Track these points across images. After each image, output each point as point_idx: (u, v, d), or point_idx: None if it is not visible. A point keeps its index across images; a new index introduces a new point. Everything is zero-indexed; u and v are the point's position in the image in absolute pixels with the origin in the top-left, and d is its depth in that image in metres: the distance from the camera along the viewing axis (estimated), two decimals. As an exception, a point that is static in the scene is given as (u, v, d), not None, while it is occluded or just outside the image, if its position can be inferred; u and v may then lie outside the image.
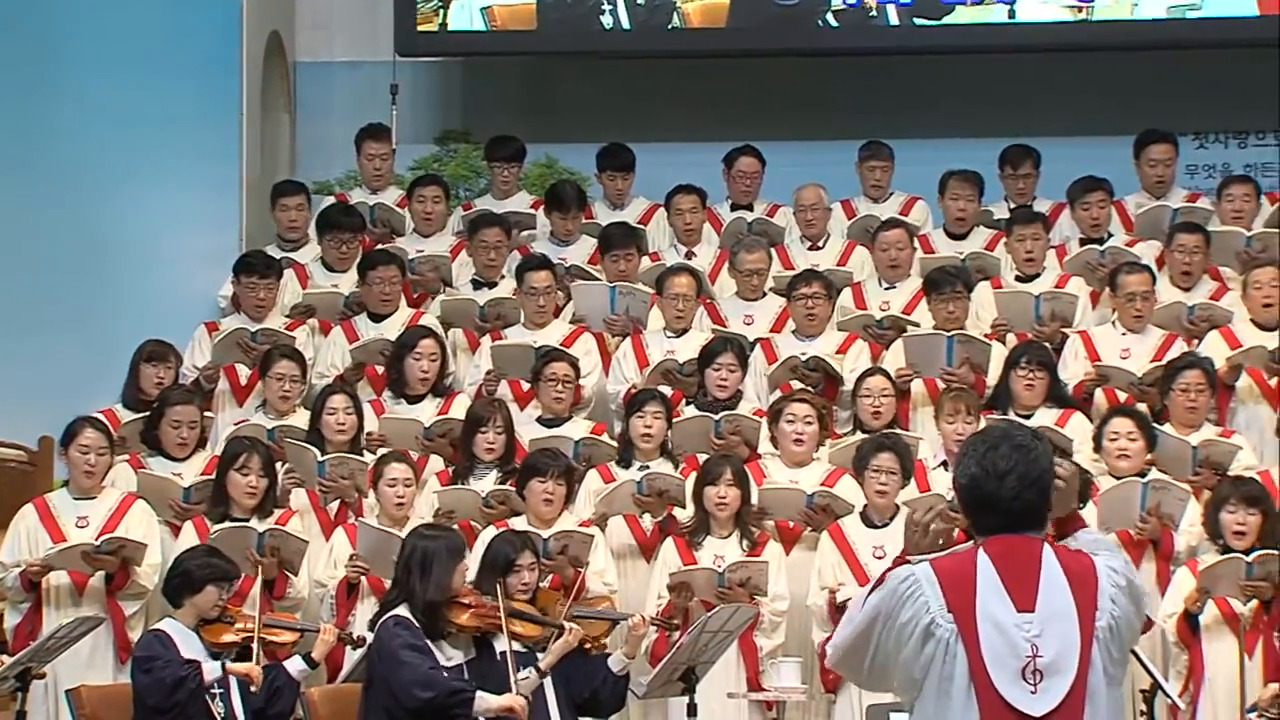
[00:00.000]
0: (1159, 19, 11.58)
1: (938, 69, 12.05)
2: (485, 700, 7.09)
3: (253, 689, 7.45)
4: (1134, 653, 7.09)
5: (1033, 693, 4.56)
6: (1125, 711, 4.81)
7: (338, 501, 8.97)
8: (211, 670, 7.39)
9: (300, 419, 9.45)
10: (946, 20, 11.71)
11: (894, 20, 11.73)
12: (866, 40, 11.82)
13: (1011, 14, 11.62)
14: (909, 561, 4.76)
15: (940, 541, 4.80)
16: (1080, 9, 11.61)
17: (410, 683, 7.01)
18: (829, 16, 11.76)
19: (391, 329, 10.02)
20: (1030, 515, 4.67)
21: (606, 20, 11.82)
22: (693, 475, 8.77)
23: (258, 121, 11.81)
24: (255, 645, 7.60)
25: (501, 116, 12.13)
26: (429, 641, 7.23)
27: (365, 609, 8.34)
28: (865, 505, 8.65)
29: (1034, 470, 4.68)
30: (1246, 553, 8.11)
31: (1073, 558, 4.68)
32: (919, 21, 11.73)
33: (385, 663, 7.06)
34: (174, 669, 7.33)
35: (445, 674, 7.15)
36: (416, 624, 7.22)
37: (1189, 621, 8.10)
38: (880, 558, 8.22)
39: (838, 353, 9.79)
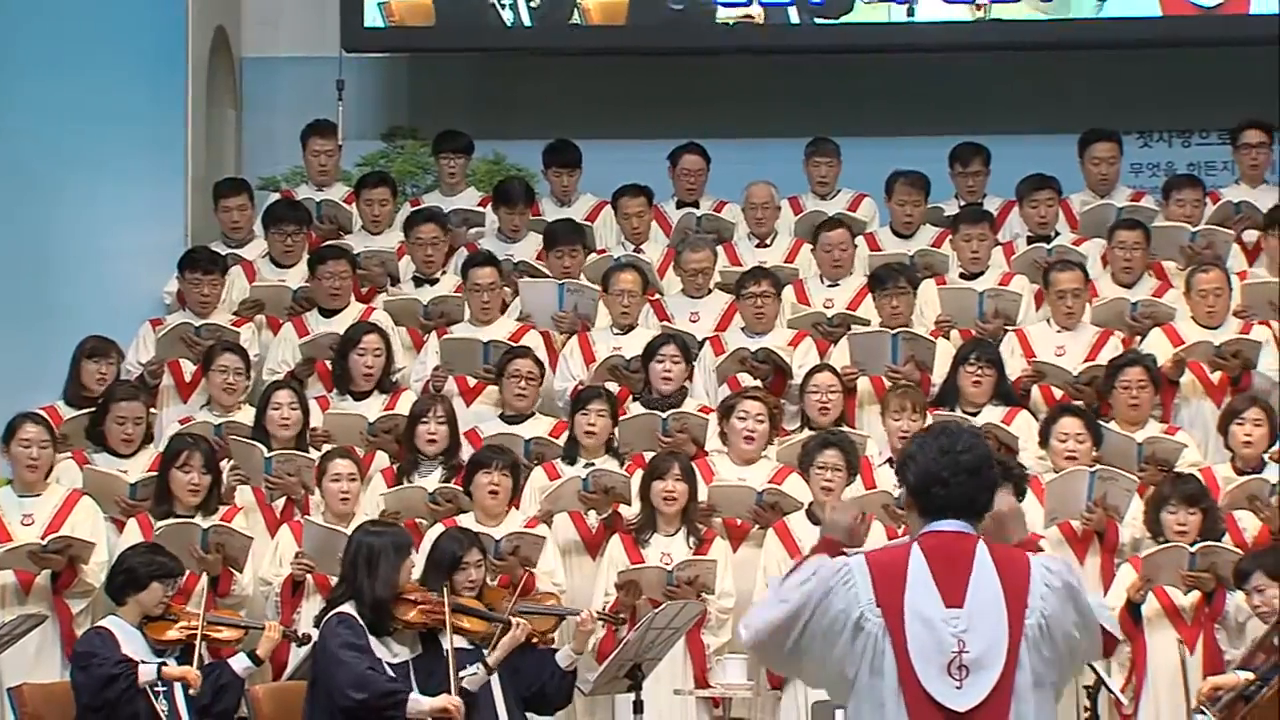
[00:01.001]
0: (1058, 19, 11.63)
1: (886, 67, 12.09)
2: (419, 702, 7.07)
3: (191, 691, 7.42)
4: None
5: (958, 688, 4.58)
6: (1057, 713, 4.79)
7: (284, 498, 8.93)
8: (147, 672, 7.36)
9: (246, 415, 9.42)
10: (845, 19, 11.72)
11: (794, 19, 11.74)
12: (766, 40, 11.82)
13: (910, 12, 11.64)
14: (836, 545, 4.79)
15: (859, 536, 4.85)
16: (979, 7, 11.65)
17: (344, 683, 6.99)
18: (727, 14, 11.73)
19: (342, 325, 9.99)
20: (980, 494, 4.71)
21: (507, 16, 11.79)
22: (639, 472, 8.77)
23: (203, 117, 11.75)
24: (198, 644, 7.57)
25: (449, 113, 12.09)
26: (375, 638, 7.21)
27: (310, 607, 8.32)
28: (811, 502, 8.67)
29: (989, 457, 4.76)
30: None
31: (1007, 555, 4.71)
32: (819, 21, 11.73)
33: (325, 661, 7.04)
34: (107, 668, 7.30)
35: (385, 673, 7.12)
36: (361, 621, 7.20)
37: (1132, 613, 8.15)
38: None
39: (788, 346, 9.81)
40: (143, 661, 7.42)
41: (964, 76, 12.02)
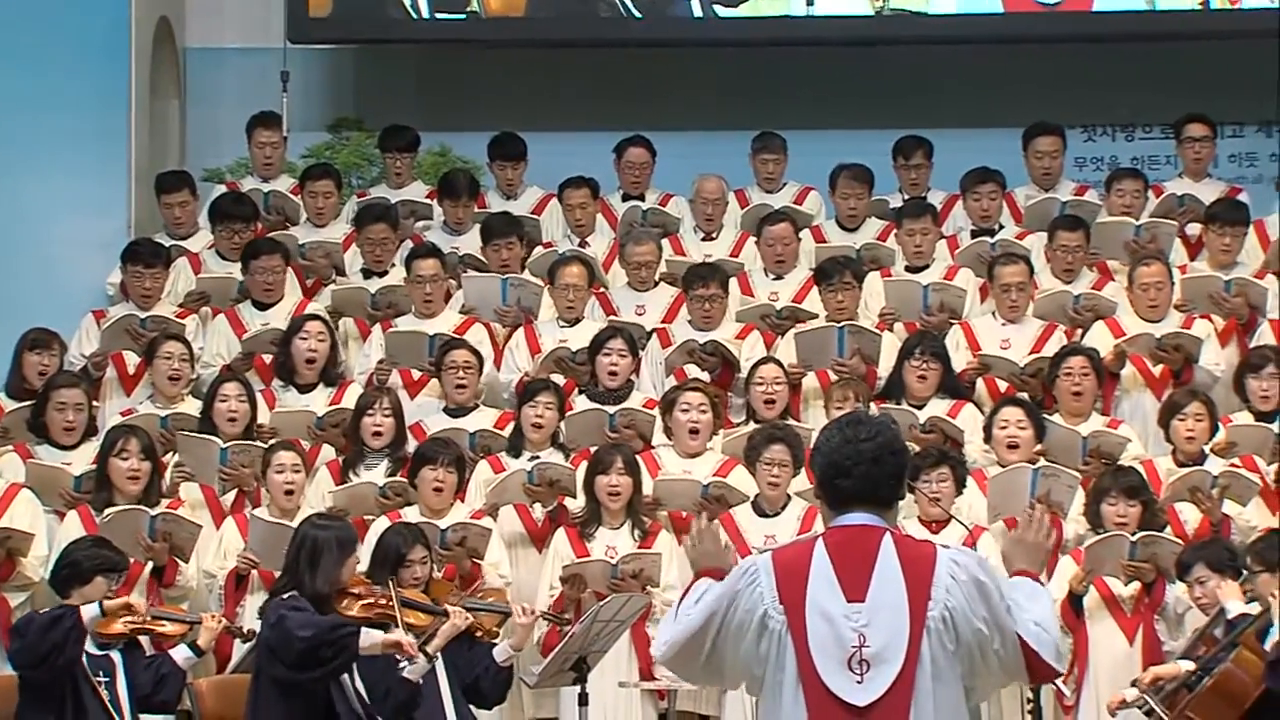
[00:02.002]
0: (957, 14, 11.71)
1: (830, 61, 12.11)
2: (371, 635, 7.02)
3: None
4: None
5: (858, 682, 4.59)
6: (964, 707, 4.78)
7: (235, 491, 8.90)
8: (89, 611, 7.31)
9: (190, 406, 9.39)
10: (745, 12, 11.73)
11: (697, 12, 11.75)
12: (666, 31, 11.85)
13: (810, 2, 11.67)
14: (710, 573, 4.84)
15: (723, 548, 4.92)
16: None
17: (291, 628, 6.86)
18: (631, 6, 11.72)
19: (278, 317, 9.97)
20: (885, 482, 4.71)
21: (407, 1, 11.77)
22: (584, 465, 8.77)
23: (147, 108, 11.67)
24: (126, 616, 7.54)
25: (395, 104, 12.07)
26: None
27: (255, 601, 8.28)
28: (757, 495, 8.68)
29: (895, 443, 4.76)
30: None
31: (913, 547, 4.72)
32: (722, 13, 11.74)
33: (270, 629, 6.97)
34: (49, 615, 7.27)
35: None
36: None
37: (1074, 604, 8.19)
38: (771, 545, 8.25)
39: (735, 339, 9.81)
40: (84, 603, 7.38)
41: (911, 71, 12.05)
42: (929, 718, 4.60)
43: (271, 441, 8.96)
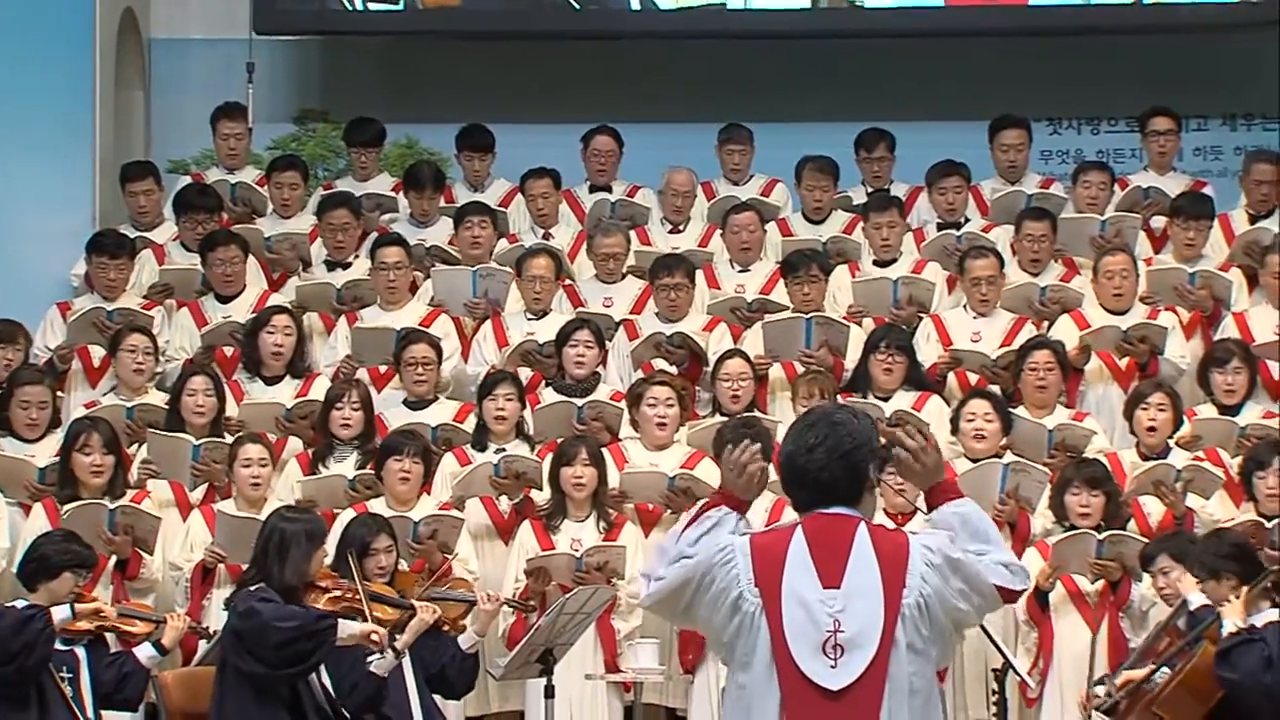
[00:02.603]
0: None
1: (797, 53, 12.11)
2: (349, 626, 7.03)
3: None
4: (986, 633, 7.22)
5: (832, 667, 4.64)
6: (936, 688, 4.84)
7: (206, 486, 8.89)
8: (61, 613, 7.30)
9: (155, 398, 9.37)
10: (684, 4, 11.73)
11: (634, 5, 11.76)
12: (601, 24, 11.85)
13: None
14: (728, 498, 4.81)
15: (755, 483, 4.83)
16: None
17: (271, 618, 6.86)
18: None
19: (240, 310, 9.94)
20: (836, 487, 4.75)
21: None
22: (550, 457, 8.77)
23: (111, 99, 11.62)
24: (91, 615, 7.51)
25: (361, 96, 12.04)
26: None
27: (221, 595, 8.26)
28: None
29: (844, 444, 4.77)
30: (1095, 530, 8.25)
31: (887, 537, 4.77)
32: (662, 5, 11.74)
33: (242, 621, 6.95)
34: (20, 613, 7.24)
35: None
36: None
37: (1039, 599, 8.23)
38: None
39: (702, 331, 9.82)
40: (54, 605, 7.36)
41: (877, 64, 12.05)
42: (902, 702, 4.65)
43: (238, 435, 8.93)
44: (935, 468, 4.89)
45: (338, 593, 7.34)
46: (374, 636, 7.05)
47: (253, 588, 7.11)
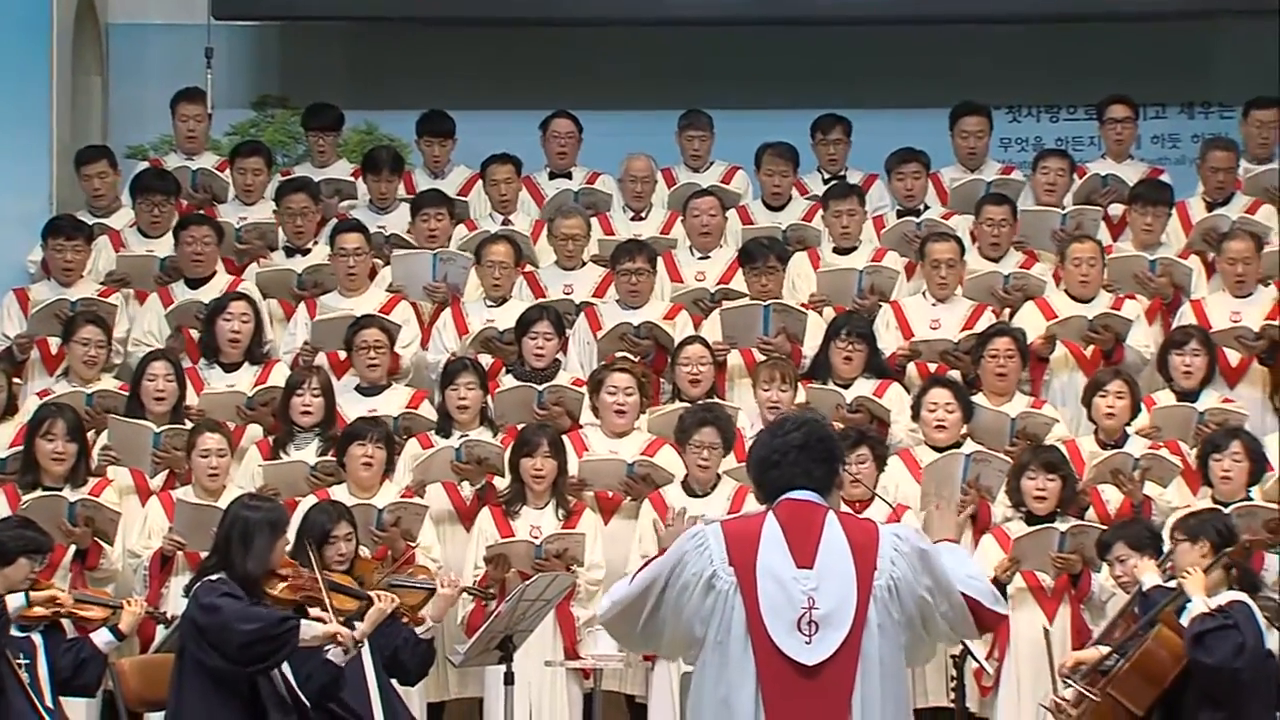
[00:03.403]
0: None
1: (756, 40, 12.12)
2: (312, 628, 7.03)
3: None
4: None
5: (807, 643, 4.72)
6: (905, 672, 4.91)
7: (166, 473, 8.86)
8: (15, 600, 7.28)
9: (110, 384, 9.34)
10: None
11: None
12: (562, 11, 11.81)
13: None
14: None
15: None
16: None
17: (233, 619, 6.85)
18: None
19: (208, 294, 9.90)
20: (812, 470, 4.85)
21: None
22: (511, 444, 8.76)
23: (69, 85, 11.55)
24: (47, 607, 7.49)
25: (320, 82, 12.00)
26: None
27: (179, 583, 8.24)
28: (686, 475, 8.70)
29: (809, 440, 4.90)
30: (1049, 518, 8.27)
31: (857, 524, 4.89)
32: None
33: (204, 615, 6.93)
34: None
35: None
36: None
37: (997, 590, 8.24)
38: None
39: (664, 319, 9.82)
40: (9, 592, 7.33)
41: (837, 52, 12.06)
42: (874, 680, 4.73)
43: (196, 423, 8.90)
44: (956, 527, 5.13)
45: (298, 582, 7.32)
46: (339, 637, 7.04)
47: (213, 577, 7.09)
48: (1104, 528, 8.23)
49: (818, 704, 4.68)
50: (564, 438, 8.79)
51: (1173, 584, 7.37)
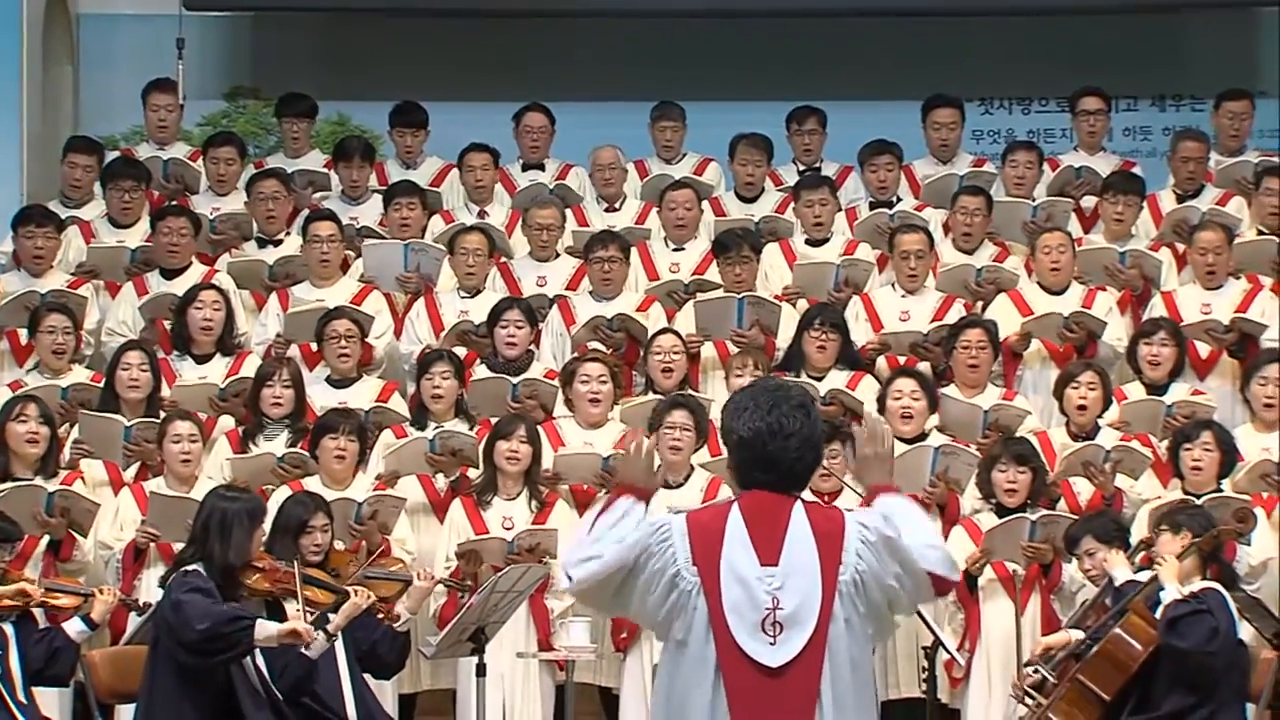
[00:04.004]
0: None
1: (729, 32, 12.12)
2: (267, 627, 7.02)
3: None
4: (918, 611, 7.26)
5: (771, 644, 4.65)
6: (872, 665, 4.88)
7: (138, 464, 8.84)
8: None
9: (80, 375, 9.32)
10: None
11: None
12: (535, 1, 11.86)
13: None
14: (631, 489, 4.78)
15: (652, 473, 4.83)
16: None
17: (188, 617, 6.87)
18: None
19: (183, 285, 9.87)
20: (806, 475, 4.78)
21: None
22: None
23: (39, 75, 11.52)
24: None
25: (292, 73, 11.96)
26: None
27: (153, 574, 8.23)
28: (659, 466, 8.67)
29: (815, 434, 4.79)
30: (1020, 510, 8.29)
31: (823, 514, 4.79)
32: None
33: (167, 610, 6.95)
34: None
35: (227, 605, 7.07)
36: (209, 580, 7.13)
37: (968, 582, 8.27)
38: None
39: (637, 311, 9.82)
40: None
41: (810, 43, 12.08)
42: (841, 678, 4.67)
43: (168, 413, 8.88)
44: (889, 468, 4.93)
45: (274, 574, 7.32)
46: (297, 629, 7.03)
47: (190, 568, 7.09)
48: (1074, 517, 8.25)
49: (783, 704, 4.63)
50: (539, 429, 8.78)
51: (1144, 575, 7.40)
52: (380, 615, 7.65)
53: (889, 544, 4.73)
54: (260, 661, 7.10)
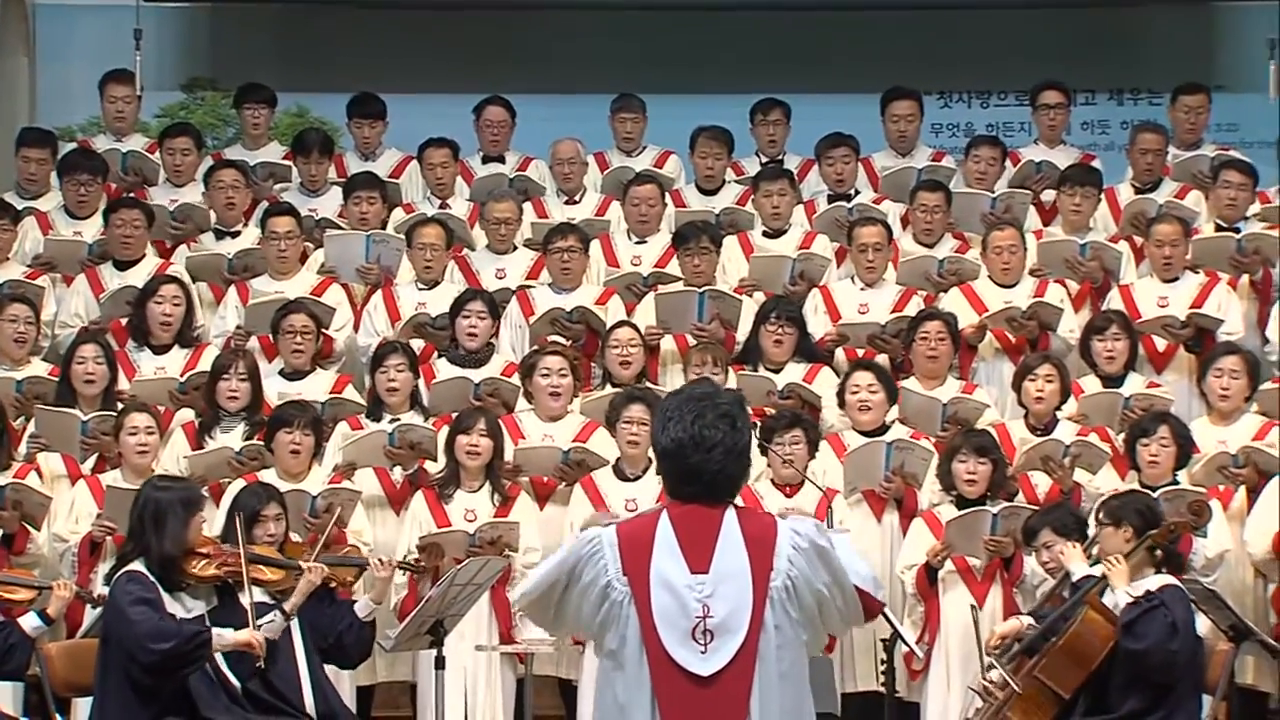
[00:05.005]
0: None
1: (689, 24, 12.12)
2: (223, 636, 7.03)
3: None
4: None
5: (702, 653, 4.64)
6: (807, 670, 4.86)
7: (95, 457, 8.81)
8: None
9: (41, 368, 9.26)
10: None
11: None
12: None
13: None
14: None
15: None
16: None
17: (144, 637, 6.89)
18: None
19: (138, 277, 9.84)
20: (732, 486, 4.75)
21: None
22: (445, 428, 8.74)
23: (-5, 65, 11.48)
24: None
25: (251, 64, 11.92)
26: (168, 595, 7.13)
27: (108, 567, 8.17)
28: (618, 458, 8.69)
29: (740, 443, 4.75)
30: (980, 502, 8.31)
31: (754, 521, 4.77)
32: None
33: (116, 621, 6.94)
34: None
35: (177, 621, 7.05)
36: (151, 577, 7.11)
37: (928, 575, 8.28)
38: (632, 510, 8.27)
39: (596, 304, 9.81)
40: None
41: (770, 36, 12.09)
42: (772, 686, 4.65)
43: (125, 405, 8.84)
44: None
45: (220, 558, 7.29)
46: (253, 642, 7.03)
47: (131, 568, 7.06)
48: (1036, 507, 8.28)
49: (714, 713, 4.61)
50: (500, 422, 8.77)
51: (1099, 569, 7.43)
52: (334, 585, 7.62)
53: (820, 553, 4.71)
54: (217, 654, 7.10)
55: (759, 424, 8.38)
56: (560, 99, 11.78)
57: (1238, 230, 10.15)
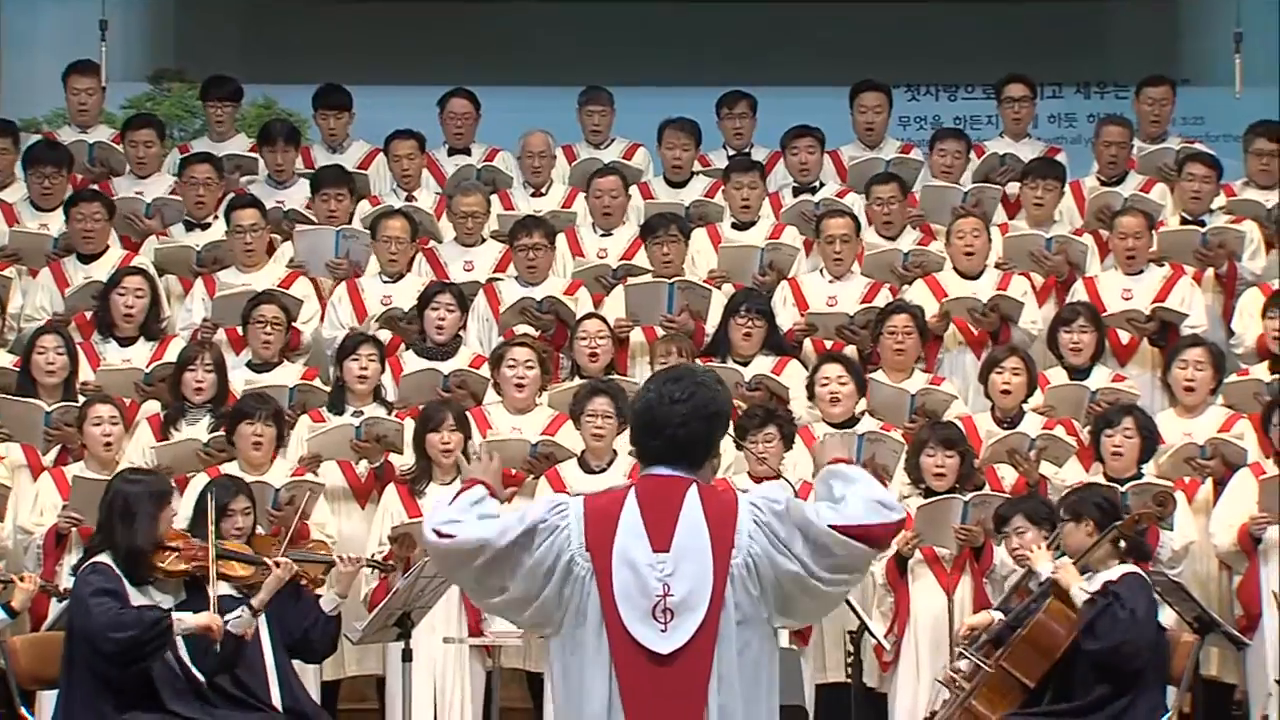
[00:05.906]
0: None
1: (656, 17, 12.12)
2: (184, 620, 7.01)
3: None
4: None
5: (662, 631, 4.63)
6: (775, 648, 4.84)
7: (58, 449, 8.77)
8: None
9: (2, 360, 9.23)
10: None
11: None
12: None
13: None
14: (485, 485, 4.79)
15: (500, 478, 4.89)
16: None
17: (103, 628, 6.87)
18: None
19: (103, 270, 9.81)
20: (693, 447, 4.73)
21: None
22: (410, 421, 8.72)
23: (-40, 57, 11.42)
24: None
25: (217, 56, 11.90)
26: (135, 588, 7.12)
27: (74, 560, 8.15)
28: (583, 450, 8.70)
29: (709, 406, 4.76)
30: (949, 494, 8.32)
31: (716, 497, 4.75)
32: None
33: (78, 613, 6.93)
34: None
35: (137, 609, 7.03)
36: (116, 570, 7.09)
37: (898, 564, 8.30)
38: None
39: (564, 294, 9.81)
40: None
41: (738, 28, 12.10)
42: (732, 665, 4.65)
43: (89, 397, 8.81)
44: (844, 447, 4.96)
45: (188, 553, 7.27)
46: (212, 626, 7.02)
47: (96, 559, 7.04)
48: (1007, 496, 8.30)
49: (673, 691, 4.60)
50: (467, 413, 8.76)
51: (1064, 561, 7.46)
52: (305, 582, 7.61)
53: (781, 517, 4.68)
54: (181, 647, 7.07)
55: (733, 423, 8.38)
56: (527, 91, 11.77)
57: (1202, 223, 10.18)
